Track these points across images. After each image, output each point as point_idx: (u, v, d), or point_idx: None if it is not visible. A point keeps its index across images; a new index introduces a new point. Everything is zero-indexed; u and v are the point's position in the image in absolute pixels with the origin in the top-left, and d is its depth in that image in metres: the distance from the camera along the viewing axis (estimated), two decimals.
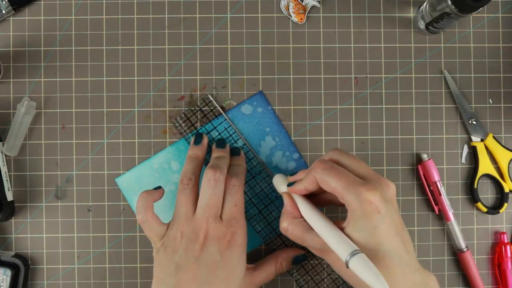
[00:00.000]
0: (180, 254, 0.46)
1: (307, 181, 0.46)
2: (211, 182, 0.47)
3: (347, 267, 0.39)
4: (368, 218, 0.41)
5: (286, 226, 0.46)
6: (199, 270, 0.45)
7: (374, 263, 0.39)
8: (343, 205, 0.44)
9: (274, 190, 0.55)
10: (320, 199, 0.49)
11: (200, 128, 0.55)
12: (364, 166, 0.45)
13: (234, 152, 0.53)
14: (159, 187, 0.50)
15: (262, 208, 0.55)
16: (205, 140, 0.53)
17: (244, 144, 0.55)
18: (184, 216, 0.47)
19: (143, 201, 0.48)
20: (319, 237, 0.43)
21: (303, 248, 0.54)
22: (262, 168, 0.55)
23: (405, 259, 0.41)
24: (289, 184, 0.48)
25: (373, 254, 0.40)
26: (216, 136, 0.55)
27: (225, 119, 0.55)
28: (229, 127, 0.55)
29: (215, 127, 0.55)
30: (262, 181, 0.55)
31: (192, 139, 0.53)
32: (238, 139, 0.55)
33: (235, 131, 0.55)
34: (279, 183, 0.50)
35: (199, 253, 0.45)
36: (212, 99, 0.55)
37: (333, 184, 0.43)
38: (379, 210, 0.41)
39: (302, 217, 0.46)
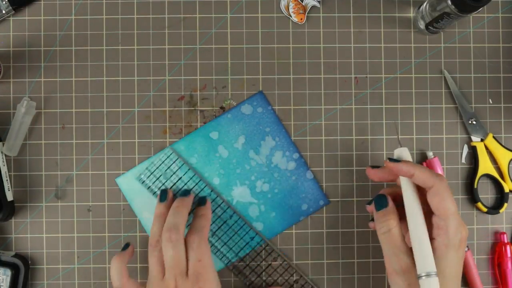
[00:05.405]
0: None
1: (420, 174, 0.46)
2: (169, 244, 0.47)
3: (418, 279, 0.43)
4: (457, 250, 0.45)
5: (395, 224, 0.46)
6: None
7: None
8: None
9: (250, 229, 0.55)
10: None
11: (166, 182, 0.55)
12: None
13: (200, 201, 0.53)
14: (128, 245, 0.51)
15: (238, 251, 0.55)
16: (170, 195, 0.52)
17: (212, 191, 0.54)
18: (156, 278, 0.47)
19: (116, 270, 0.49)
20: (408, 257, 0.45)
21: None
22: (233, 212, 0.55)
23: None
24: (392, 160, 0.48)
25: (440, 277, 0.44)
26: (183, 187, 0.54)
27: (189, 169, 0.54)
28: (194, 175, 0.54)
29: (180, 178, 0.54)
30: (235, 224, 0.55)
31: (157, 197, 0.53)
32: (205, 186, 0.54)
33: (201, 179, 0.54)
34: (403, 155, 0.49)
35: None
36: (173, 150, 0.55)
37: (447, 203, 0.45)
38: (463, 246, 0.45)
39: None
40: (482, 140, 0.56)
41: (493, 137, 0.56)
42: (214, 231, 0.54)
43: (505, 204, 0.56)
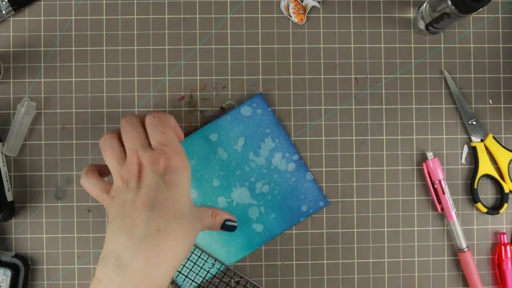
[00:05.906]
0: (124, 194, 0.41)
1: None
2: (127, 126, 0.43)
3: None
4: None
5: None
6: (145, 195, 0.40)
7: None
8: None
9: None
10: None
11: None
12: None
13: None
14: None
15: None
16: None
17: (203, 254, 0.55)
18: (115, 168, 0.42)
19: (87, 166, 0.45)
20: None
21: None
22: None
23: None
24: None
25: None
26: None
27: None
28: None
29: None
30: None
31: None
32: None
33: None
34: None
35: (138, 184, 0.41)
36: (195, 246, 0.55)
37: None
38: None
39: None
40: (482, 140, 0.56)
41: (493, 137, 0.56)
42: None
43: (505, 205, 0.56)
